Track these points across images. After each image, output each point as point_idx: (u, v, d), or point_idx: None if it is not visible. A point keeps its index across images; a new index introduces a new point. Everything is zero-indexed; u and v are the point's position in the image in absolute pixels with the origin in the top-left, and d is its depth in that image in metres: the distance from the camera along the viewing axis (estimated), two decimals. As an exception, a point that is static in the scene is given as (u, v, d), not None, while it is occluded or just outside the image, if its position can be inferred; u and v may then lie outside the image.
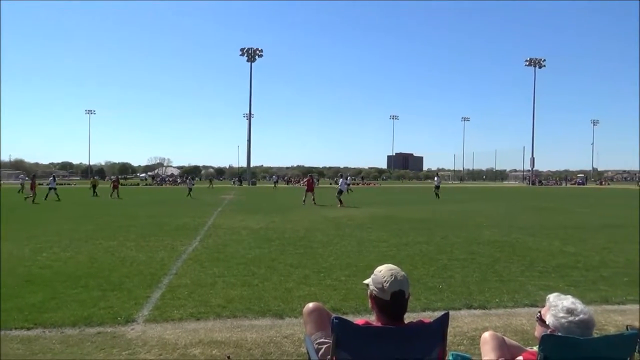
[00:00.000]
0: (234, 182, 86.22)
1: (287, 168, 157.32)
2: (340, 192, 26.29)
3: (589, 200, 33.69)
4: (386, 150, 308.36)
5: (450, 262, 8.68)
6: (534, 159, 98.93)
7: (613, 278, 7.41)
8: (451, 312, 5.43)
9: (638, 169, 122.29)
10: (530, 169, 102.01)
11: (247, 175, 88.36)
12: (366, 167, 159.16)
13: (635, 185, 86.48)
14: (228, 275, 7.49)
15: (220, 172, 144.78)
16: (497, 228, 14.44)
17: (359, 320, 2.48)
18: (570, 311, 2.32)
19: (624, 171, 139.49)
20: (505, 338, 2.88)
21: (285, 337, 4.67)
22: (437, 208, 23.84)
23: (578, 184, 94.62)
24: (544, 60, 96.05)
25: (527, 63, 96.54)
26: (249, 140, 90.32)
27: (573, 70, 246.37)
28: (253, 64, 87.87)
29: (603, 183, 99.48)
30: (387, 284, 2.33)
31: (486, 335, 2.84)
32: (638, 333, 2.47)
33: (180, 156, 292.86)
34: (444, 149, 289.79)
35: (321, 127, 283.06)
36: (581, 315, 2.29)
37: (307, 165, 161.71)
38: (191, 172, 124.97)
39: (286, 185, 77.57)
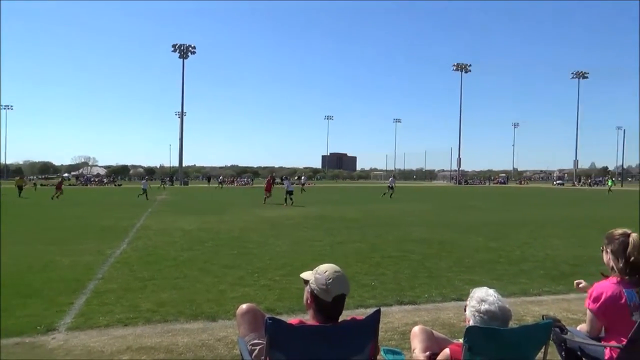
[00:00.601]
0: (164, 182, 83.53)
1: (221, 168, 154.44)
2: (290, 192, 26.69)
3: (510, 199, 35.74)
4: (321, 150, 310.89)
5: (383, 259, 8.90)
6: (460, 159, 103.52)
7: (532, 272, 7.90)
8: (383, 308, 5.55)
9: (556, 169, 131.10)
10: (457, 169, 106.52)
11: (179, 175, 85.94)
12: (301, 167, 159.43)
13: (550, 184, 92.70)
14: (159, 278, 7.25)
15: (150, 172, 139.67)
16: (427, 226, 14.97)
17: (292, 319, 2.47)
18: (479, 302, 2.46)
19: (541, 171, 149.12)
20: (434, 331, 2.98)
21: (219, 340, 4.59)
22: (371, 207, 24.36)
23: (500, 183, 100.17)
24: (470, 65, 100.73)
25: (455, 68, 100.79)
26: (181, 139, 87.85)
27: (496, 75, 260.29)
28: (185, 60, 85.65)
29: (522, 182, 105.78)
30: (331, 287, 2.33)
31: (416, 329, 2.93)
32: (552, 322, 2.65)
33: (107, 155, 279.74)
34: (376, 149, 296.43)
35: (256, 126, 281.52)
36: (486, 306, 2.42)
37: (241, 165, 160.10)
38: (119, 172, 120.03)
39: (218, 185, 76.25)
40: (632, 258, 2.89)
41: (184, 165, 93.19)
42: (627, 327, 2.76)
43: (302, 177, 53.10)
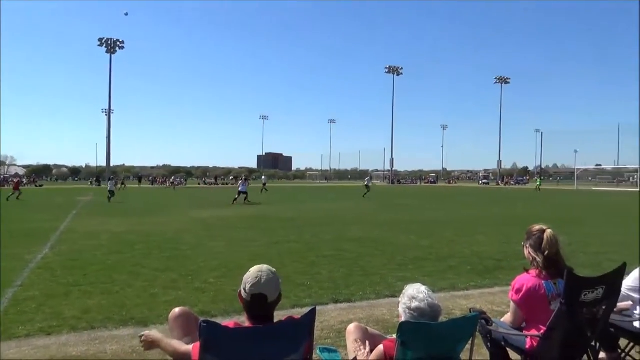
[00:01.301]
0: (91, 182, 79.59)
1: (152, 167, 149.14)
2: (244, 192, 27.12)
3: (440, 198, 37.19)
4: (256, 150, 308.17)
5: (319, 259, 8.97)
6: (393, 159, 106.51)
7: (459, 267, 8.26)
8: (319, 307, 5.60)
9: (481, 169, 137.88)
10: (390, 169, 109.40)
11: (107, 175, 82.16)
12: (236, 167, 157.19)
13: (476, 184, 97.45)
14: (84, 283, 6.89)
15: (75, 172, 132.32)
16: (362, 225, 15.26)
17: (227, 322, 2.44)
18: (410, 299, 2.56)
19: (468, 171, 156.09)
20: (369, 328, 3.05)
21: (150, 346, 4.43)
22: (308, 207, 24.49)
23: (430, 183, 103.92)
24: (402, 68, 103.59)
25: (387, 70, 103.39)
26: (108, 138, 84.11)
27: (427, 78, 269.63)
28: (113, 55, 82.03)
29: (451, 182, 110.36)
30: (249, 285, 2.34)
31: (351, 327, 2.98)
32: (478, 315, 2.78)
33: (27, 154, 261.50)
34: (312, 149, 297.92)
35: (189, 125, 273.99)
36: (416, 303, 2.53)
37: (174, 164, 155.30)
38: (41, 172, 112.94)
39: (151, 186, 73.84)
40: (547, 252, 3.10)
41: (112, 164, 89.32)
42: (546, 316, 2.95)
43: (263, 177, 53.02)
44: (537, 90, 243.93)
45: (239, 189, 27.56)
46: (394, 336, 2.50)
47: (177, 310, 3.00)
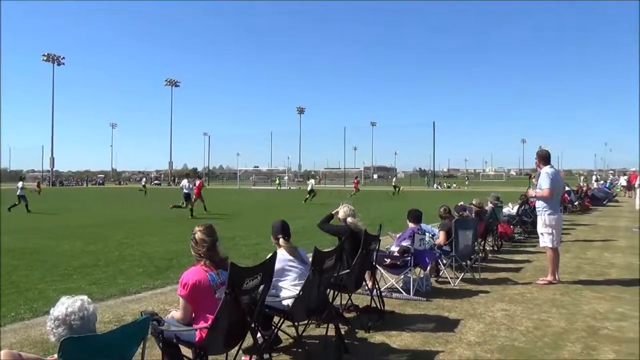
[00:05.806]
0: None
1: None
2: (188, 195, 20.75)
3: (108, 199, 35.36)
4: None
5: (-49, 280, 7.26)
6: (53, 159, 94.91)
7: (130, 271, 8.04)
8: (-49, 342, 4.57)
9: (154, 170, 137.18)
10: (49, 169, 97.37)
11: None
12: None
13: (149, 185, 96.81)
14: None
15: None
16: (14, 233, 13.14)
17: None
18: (58, 315, 2.49)
19: (140, 172, 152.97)
20: (22, 353, 2.69)
21: None
22: None
23: (99, 184, 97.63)
24: (63, 57, 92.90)
25: (45, 58, 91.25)
26: None
27: (94, 72, 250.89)
28: None
29: (121, 183, 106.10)
30: None
31: (-2, 356, 2.56)
32: (149, 317, 2.80)
33: None
34: None
35: None
36: (56, 313, 2.49)
37: None
38: None
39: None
40: (204, 247, 3.44)
41: None
42: (212, 306, 3.20)
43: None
44: (205, 94, 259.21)
45: (184, 191, 20.38)
46: (55, 356, 2.27)
47: None
